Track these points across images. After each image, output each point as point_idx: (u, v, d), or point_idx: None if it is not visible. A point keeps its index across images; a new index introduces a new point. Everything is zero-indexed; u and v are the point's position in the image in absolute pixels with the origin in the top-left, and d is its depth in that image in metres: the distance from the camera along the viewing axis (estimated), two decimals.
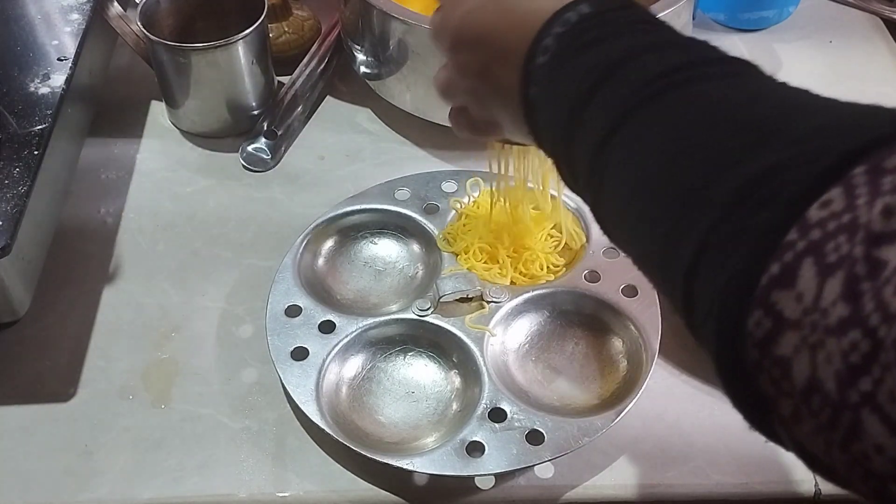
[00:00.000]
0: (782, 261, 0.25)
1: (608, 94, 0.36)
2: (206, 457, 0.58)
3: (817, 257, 0.24)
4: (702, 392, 0.61)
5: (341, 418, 0.57)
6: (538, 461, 0.54)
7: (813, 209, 0.25)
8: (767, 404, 0.27)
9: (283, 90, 0.81)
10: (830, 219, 0.24)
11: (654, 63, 0.35)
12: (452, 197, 0.70)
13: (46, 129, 0.64)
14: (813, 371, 0.24)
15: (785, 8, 0.91)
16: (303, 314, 0.62)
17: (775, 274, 0.25)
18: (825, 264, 0.24)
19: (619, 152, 0.35)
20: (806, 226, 0.25)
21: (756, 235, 0.26)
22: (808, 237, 0.25)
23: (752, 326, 0.26)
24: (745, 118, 0.31)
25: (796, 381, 0.25)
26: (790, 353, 0.25)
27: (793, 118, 0.29)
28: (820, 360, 0.24)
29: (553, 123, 0.40)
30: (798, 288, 0.25)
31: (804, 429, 0.25)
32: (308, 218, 0.69)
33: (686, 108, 0.33)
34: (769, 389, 0.26)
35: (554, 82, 0.40)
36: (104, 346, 0.64)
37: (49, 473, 0.57)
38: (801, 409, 0.25)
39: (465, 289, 0.62)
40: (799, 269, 0.25)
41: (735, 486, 0.57)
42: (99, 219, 0.73)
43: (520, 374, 0.60)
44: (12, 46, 0.72)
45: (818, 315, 0.24)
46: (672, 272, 0.31)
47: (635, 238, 0.35)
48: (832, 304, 0.23)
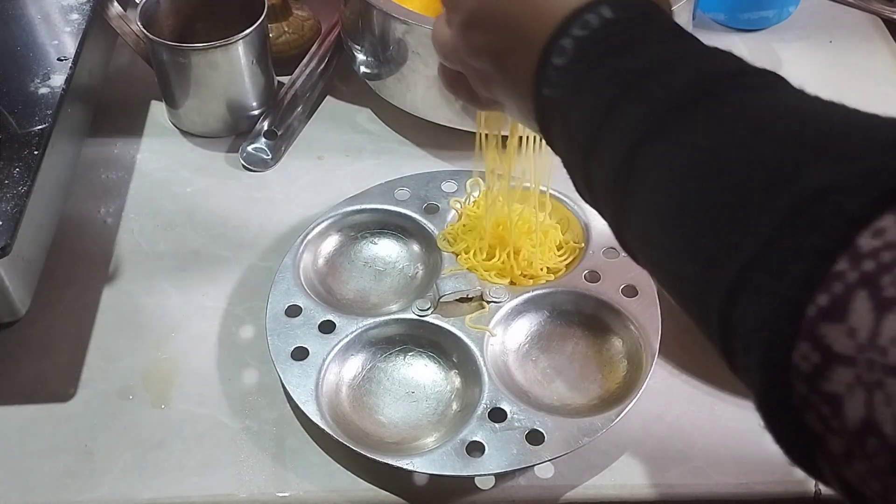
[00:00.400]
0: (831, 292, 0.24)
1: (634, 104, 0.34)
2: (206, 457, 0.58)
3: (872, 290, 0.23)
4: (702, 392, 0.61)
5: (341, 418, 0.57)
6: (538, 461, 0.54)
7: (864, 237, 0.24)
8: (813, 441, 0.26)
9: (283, 90, 0.81)
10: (885, 249, 0.23)
11: (684, 74, 0.34)
12: (452, 197, 0.70)
13: (46, 129, 0.64)
14: (869, 412, 0.23)
15: (785, 8, 0.91)
16: (303, 314, 0.62)
17: (824, 306, 0.24)
18: (882, 298, 0.23)
19: (649, 165, 0.33)
20: (857, 255, 0.24)
21: (803, 263, 0.25)
22: (861, 268, 0.23)
23: (798, 359, 0.25)
24: (786, 133, 0.29)
25: (849, 420, 0.24)
26: (842, 391, 0.24)
27: (838, 134, 0.28)
28: (878, 402, 0.22)
29: (569, 130, 0.38)
30: (850, 322, 0.23)
31: (856, 469, 0.24)
32: (308, 218, 0.69)
33: (723, 122, 0.31)
34: (817, 426, 0.25)
35: (573, 88, 0.38)
36: (104, 346, 0.64)
37: (49, 473, 0.57)
38: (854, 450, 0.24)
39: (465, 289, 0.62)
40: (851, 303, 0.23)
41: (735, 486, 0.57)
42: (99, 219, 0.73)
43: (520, 374, 0.60)
44: (12, 46, 0.72)
45: (876, 353, 0.22)
46: (708, 296, 0.29)
47: (667, 261, 0.33)
48: (893, 341, 0.22)
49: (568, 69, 0.38)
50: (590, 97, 0.36)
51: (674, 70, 0.34)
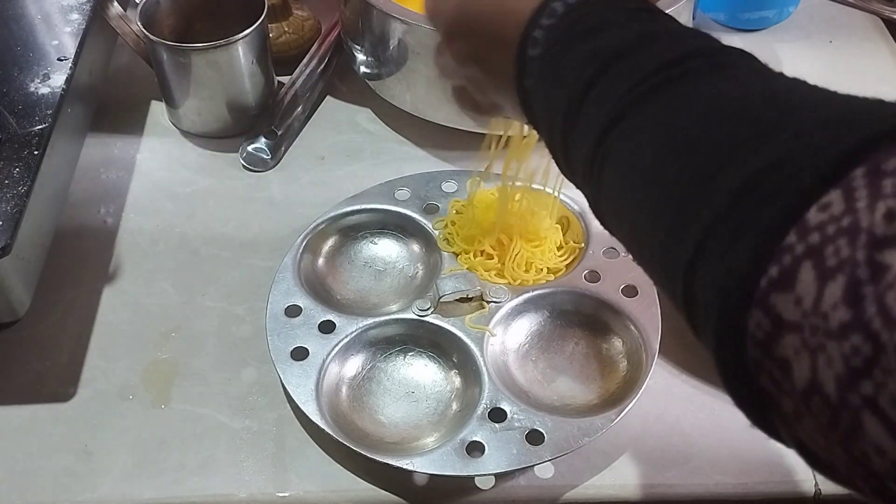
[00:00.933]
0: (781, 264, 0.25)
1: (606, 87, 0.36)
2: (206, 457, 0.58)
3: (816, 261, 0.24)
4: (702, 392, 0.61)
5: (341, 418, 0.57)
6: (538, 461, 0.54)
7: (812, 212, 0.25)
8: (768, 402, 0.27)
9: (283, 90, 0.81)
10: (830, 222, 0.24)
11: (651, 55, 0.35)
12: (452, 197, 0.70)
13: (46, 129, 0.64)
14: (814, 373, 0.24)
15: (785, 8, 0.91)
16: (303, 314, 0.62)
17: (774, 277, 0.25)
18: (825, 268, 0.24)
19: (620, 145, 0.35)
20: (805, 228, 0.25)
21: (755, 235, 0.26)
22: (808, 240, 0.25)
23: (753, 327, 0.26)
24: (746, 112, 0.30)
25: (797, 382, 0.25)
26: (791, 355, 0.25)
27: (793, 111, 0.29)
28: (821, 364, 0.24)
29: (550, 115, 0.40)
30: (797, 291, 0.25)
31: (805, 427, 0.26)
32: (308, 218, 0.69)
33: (687, 102, 0.33)
34: (770, 388, 0.26)
35: (548, 75, 0.39)
36: (104, 346, 0.64)
37: (49, 473, 0.57)
38: (802, 409, 0.25)
39: (465, 289, 0.62)
40: (798, 273, 0.25)
41: (735, 486, 0.57)
42: (99, 219, 0.73)
43: (520, 374, 0.60)
44: (12, 46, 0.72)
45: (818, 319, 0.24)
46: (673, 267, 0.31)
47: (636, 232, 0.35)
48: (833, 307, 0.23)
49: (543, 58, 0.40)
50: (566, 82, 0.38)
51: (641, 52, 0.36)
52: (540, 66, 0.40)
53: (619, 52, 0.36)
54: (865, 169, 0.25)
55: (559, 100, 0.38)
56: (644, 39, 0.36)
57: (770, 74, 0.33)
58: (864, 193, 0.24)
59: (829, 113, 0.28)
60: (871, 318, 0.22)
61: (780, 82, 0.32)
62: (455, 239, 0.66)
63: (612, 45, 0.37)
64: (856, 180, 0.24)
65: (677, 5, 0.70)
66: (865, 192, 0.24)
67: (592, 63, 0.37)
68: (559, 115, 0.38)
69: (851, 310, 0.23)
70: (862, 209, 0.24)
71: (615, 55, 0.36)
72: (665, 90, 0.34)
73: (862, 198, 0.24)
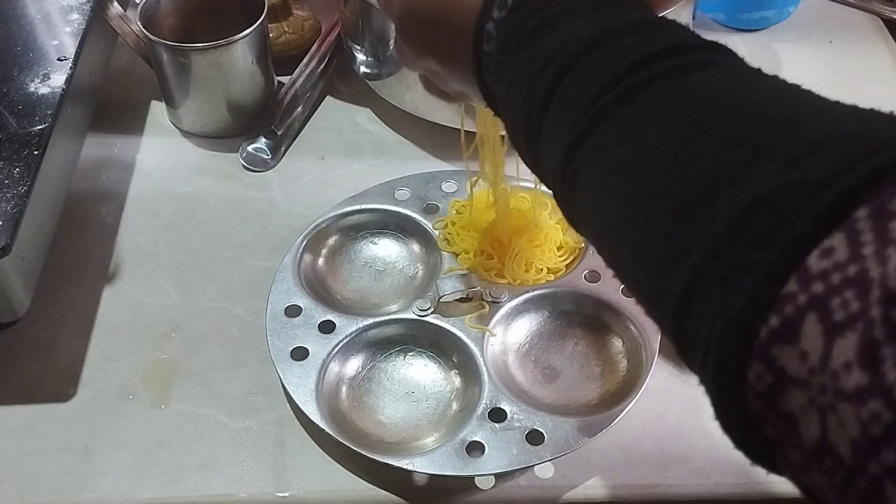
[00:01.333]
0: (782, 314, 0.24)
1: (569, 91, 0.33)
2: (206, 457, 0.58)
3: (822, 314, 0.22)
4: (702, 392, 0.61)
5: (341, 418, 0.57)
6: (538, 461, 0.54)
7: (814, 257, 0.23)
8: (773, 449, 0.26)
9: (283, 90, 0.81)
10: (834, 270, 0.23)
11: (615, 55, 0.32)
12: (452, 197, 0.70)
13: (46, 129, 0.64)
14: (824, 433, 0.23)
15: (785, 8, 0.91)
16: (303, 314, 0.62)
17: (775, 328, 0.24)
18: (832, 322, 0.22)
19: (592, 161, 0.32)
20: (807, 276, 0.23)
21: (752, 282, 0.25)
22: (810, 290, 0.23)
23: (754, 379, 0.25)
24: (728, 125, 0.28)
25: (805, 439, 0.23)
26: (796, 411, 0.24)
27: (780, 127, 0.27)
28: (832, 424, 0.22)
29: (512, 117, 0.37)
30: (802, 345, 0.23)
31: (814, 480, 0.24)
32: (308, 218, 0.69)
33: (659, 112, 0.30)
34: (775, 438, 0.25)
35: (505, 73, 0.37)
36: (104, 346, 0.64)
37: (49, 473, 0.57)
38: (811, 464, 0.24)
39: (465, 289, 0.62)
40: (801, 325, 0.23)
41: (735, 486, 0.57)
42: (99, 219, 0.73)
43: (520, 373, 0.60)
44: (12, 46, 0.72)
45: (828, 377, 0.22)
46: (660, 304, 0.29)
47: (617, 258, 0.33)
48: (845, 368, 0.22)
49: (498, 54, 0.37)
50: (524, 83, 0.35)
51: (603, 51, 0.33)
52: (497, 63, 0.37)
53: (580, 51, 0.33)
54: (869, 210, 0.23)
55: (520, 104, 0.36)
56: (608, 34, 0.33)
57: (748, 75, 0.31)
58: (871, 238, 0.22)
59: (820, 131, 0.26)
60: (893, 384, 0.20)
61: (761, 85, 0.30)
62: (455, 239, 0.66)
63: (571, 41, 0.34)
64: (859, 222, 0.23)
65: (677, 5, 0.70)
66: (872, 237, 0.22)
67: (550, 63, 0.34)
68: (521, 121, 0.36)
69: (868, 373, 0.21)
70: (870, 257, 0.22)
71: (575, 54, 0.33)
72: (632, 101, 0.31)
73: (868, 243, 0.22)
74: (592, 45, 0.33)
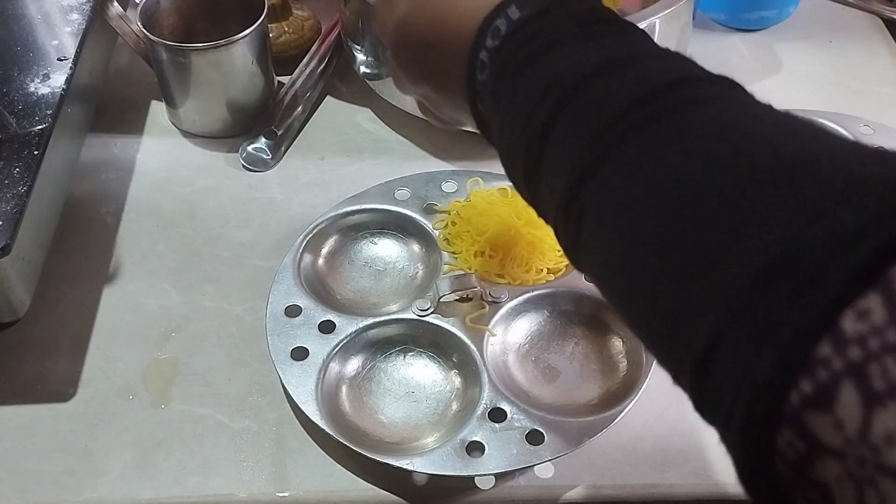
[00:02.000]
0: (816, 379, 0.22)
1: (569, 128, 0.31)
2: (206, 457, 0.58)
3: (860, 382, 0.21)
4: None
5: (341, 418, 0.57)
6: (538, 461, 0.54)
7: (848, 320, 0.22)
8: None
9: (283, 90, 0.81)
10: (872, 334, 0.21)
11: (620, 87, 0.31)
12: (452, 197, 0.70)
13: (46, 129, 0.64)
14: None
15: (785, 8, 0.91)
16: (303, 314, 0.62)
17: (808, 393, 0.22)
18: (871, 392, 0.21)
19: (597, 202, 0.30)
20: (842, 340, 0.22)
21: (782, 341, 0.23)
22: (846, 355, 0.22)
23: (784, 446, 0.23)
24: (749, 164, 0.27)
25: None
26: (831, 481, 0.22)
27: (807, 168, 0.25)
28: (870, 498, 0.21)
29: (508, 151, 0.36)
30: (837, 414, 0.22)
31: None
32: (308, 218, 0.69)
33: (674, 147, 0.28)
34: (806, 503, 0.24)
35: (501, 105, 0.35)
36: (104, 346, 0.64)
37: (49, 473, 0.57)
38: None
39: (465, 289, 0.62)
40: (837, 393, 0.22)
41: (735, 486, 0.56)
42: (99, 219, 0.73)
43: (520, 374, 0.60)
44: (12, 46, 0.72)
45: (867, 449, 0.21)
46: (677, 355, 0.27)
47: (627, 304, 0.31)
48: (887, 441, 0.20)
49: (492, 84, 0.36)
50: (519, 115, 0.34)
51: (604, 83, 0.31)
52: (492, 93, 0.36)
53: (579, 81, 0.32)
54: None
55: (516, 135, 0.34)
56: (608, 64, 0.32)
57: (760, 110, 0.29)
58: None
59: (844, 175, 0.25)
60: None
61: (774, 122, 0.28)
62: (455, 239, 0.66)
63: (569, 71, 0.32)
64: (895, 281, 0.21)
65: (677, 5, 0.70)
66: None
67: (548, 95, 0.32)
68: (518, 154, 0.34)
69: None
70: None
71: (574, 85, 0.32)
72: (639, 138, 0.29)
73: None
74: (592, 75, 0.32)
